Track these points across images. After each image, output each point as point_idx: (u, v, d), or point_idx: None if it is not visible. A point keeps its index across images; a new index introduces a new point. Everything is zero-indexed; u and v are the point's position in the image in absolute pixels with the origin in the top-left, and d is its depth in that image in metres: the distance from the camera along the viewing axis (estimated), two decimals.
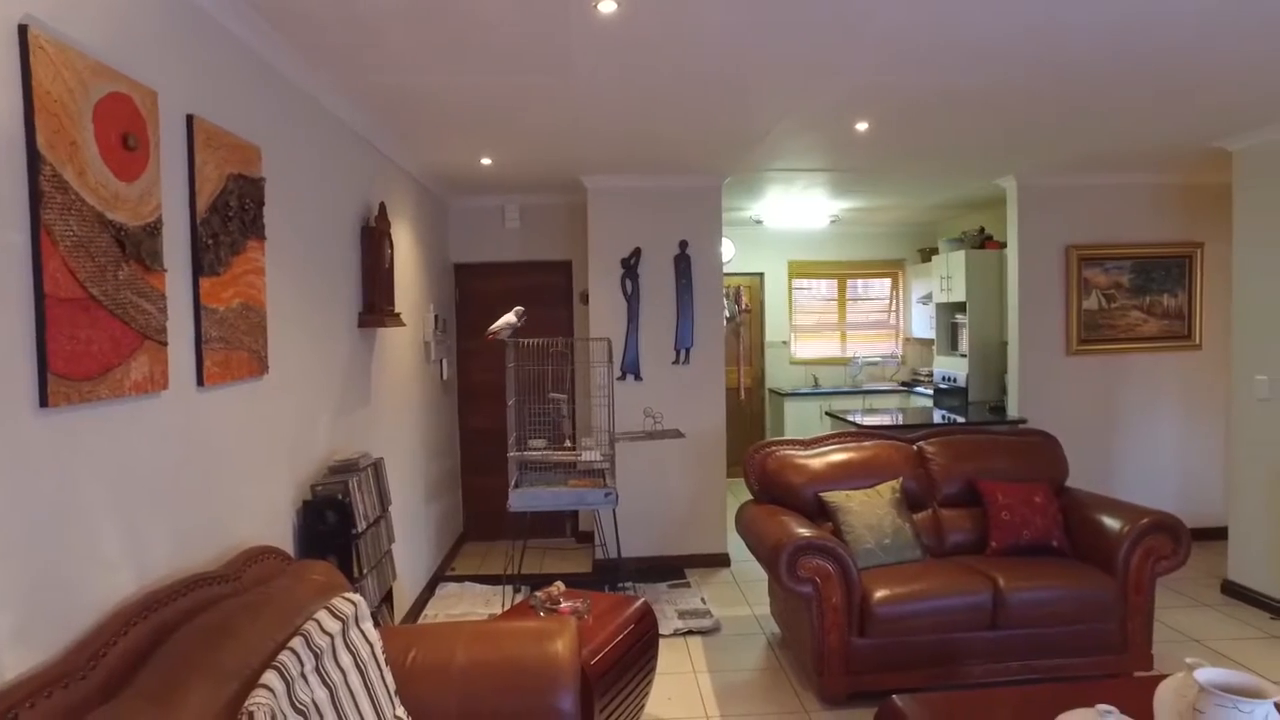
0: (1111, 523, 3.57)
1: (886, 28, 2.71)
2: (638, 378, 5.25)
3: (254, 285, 2.48)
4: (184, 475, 2.10)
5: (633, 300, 5.25)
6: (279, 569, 2.31)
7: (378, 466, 3.30)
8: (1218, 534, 4.78)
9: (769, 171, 5.24)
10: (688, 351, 5.28)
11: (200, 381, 2.16)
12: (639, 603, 3.11)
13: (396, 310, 4.09)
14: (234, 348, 2.34)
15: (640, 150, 4.50)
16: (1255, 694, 1.77)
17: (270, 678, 1.67)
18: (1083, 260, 5.53)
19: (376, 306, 3.74)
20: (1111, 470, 5.58)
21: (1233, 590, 4.58)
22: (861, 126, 4.03)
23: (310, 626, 1.90)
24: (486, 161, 4.70)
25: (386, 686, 2.08)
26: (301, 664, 1.78)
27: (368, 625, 2.10)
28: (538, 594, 3.09)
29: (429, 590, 4.84)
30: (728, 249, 7.64)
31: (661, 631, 4.14)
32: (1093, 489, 4.65)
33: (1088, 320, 5.55)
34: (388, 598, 3.31)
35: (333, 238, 3.32)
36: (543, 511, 4.84)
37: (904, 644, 3.31)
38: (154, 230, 1.89)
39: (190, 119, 2.11)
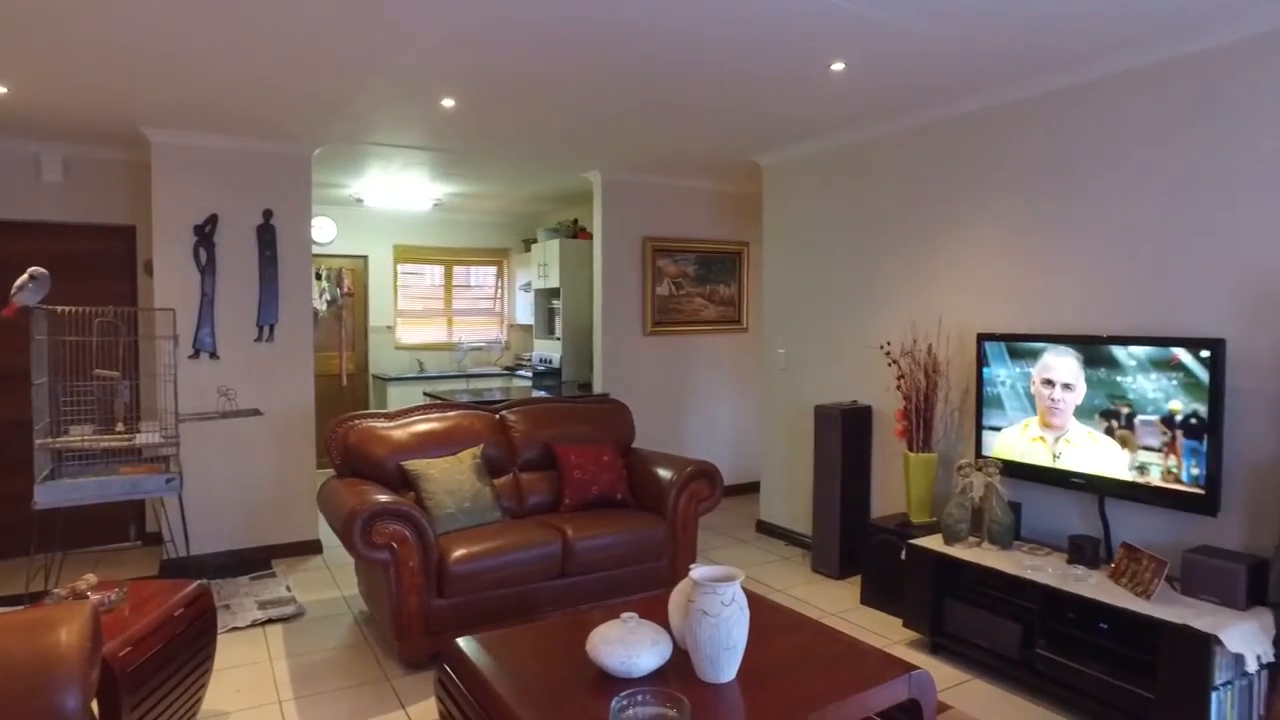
0: (664, 473, 4.08)
1: None
2: (214, 355, 4.77)
3: None
4: None
5: (208, 272, 4.75)
6: None
7: None
8: (759, 487, 5.72)
9: (365, 145, 5.11)
10: (272, 328, 4.92)
11: None
12: (191, 585, 2.84)
13: None
14: None
15: (213, 103, 4.09)
16: (729, 579, 2.16)
17: None
18: (656, 251, 6.25)
19: None
20: (680, 435, 6.38)
21: (764, 528, 5.52)
22: (448, 103, 4.10)
23: None
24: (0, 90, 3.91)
25: None
26: None
27: None
28: (57, 590, 2.67)
29: None
30: (329, 229, 7.32)
31: (237, 625, 3.86)
32: (665, 450, 5.30)
33: (661, 305, 6.29)
34: None
35: None
36: (89, 508, 4.18)
37: (482, 599, 3.45)
38: None
39: None
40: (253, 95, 3.96)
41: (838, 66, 3.52)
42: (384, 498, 3.35)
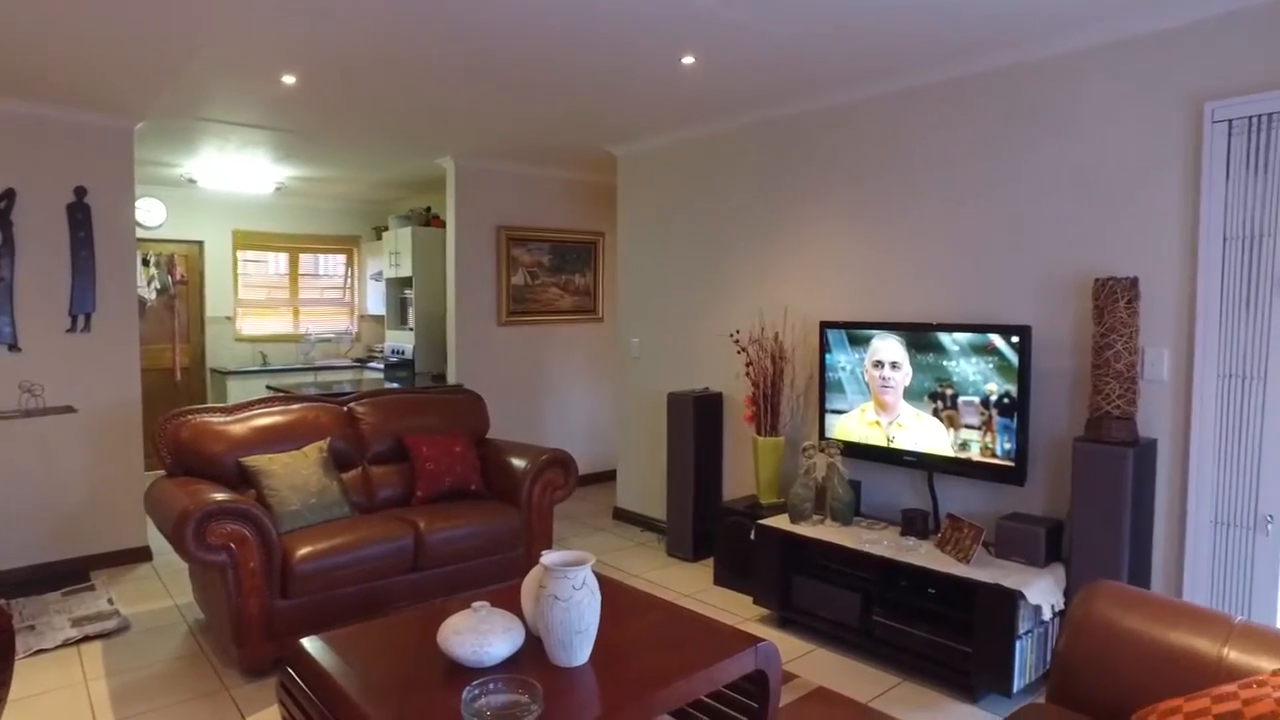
0: (518, 462, 4.06)
1: None
2: (14, 347, 4.30)
3: None
4: None
5: (4, 254, 4.27)
6: None
7: None
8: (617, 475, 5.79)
9: (198, 121, 4.75)
10: (89, 318, 4.50)
11: None
12: None
13: None
14: None
15: (12, 67, 3.68)
16: (580, 564, 2.18)
17: None
18: (511, 240, 6.17)
19: None
20: (537, 425, 6.35)
21: (620, 515, 5.59)
22: (289, 80, 3.89)
23: None
24: None
25: None
26: None
27: None
28: None
29: None
30: (157, 211, 6.80)
31: (44, 647, 3.52)
32: (521, 441, 5.25)
33: (516, 294, 6.22)
34: None
35: None
36: None
37: (330, 599, 3.31)
38: None
39: None
40: (56, 56, 3.58)
41: (688, 60, 3.60)
42: (220, 496, 3.15)
